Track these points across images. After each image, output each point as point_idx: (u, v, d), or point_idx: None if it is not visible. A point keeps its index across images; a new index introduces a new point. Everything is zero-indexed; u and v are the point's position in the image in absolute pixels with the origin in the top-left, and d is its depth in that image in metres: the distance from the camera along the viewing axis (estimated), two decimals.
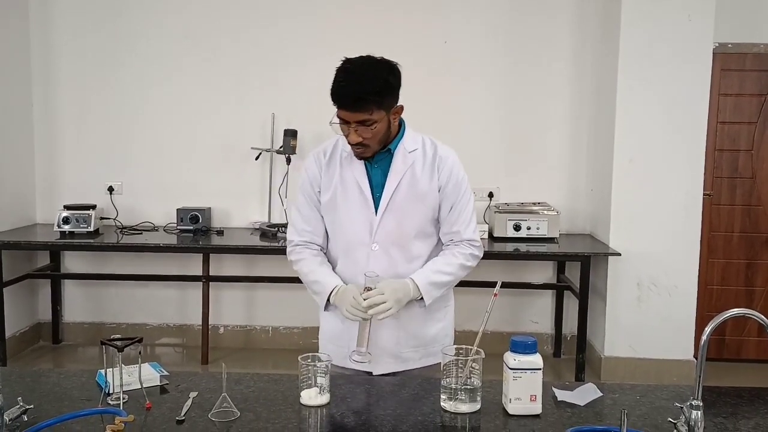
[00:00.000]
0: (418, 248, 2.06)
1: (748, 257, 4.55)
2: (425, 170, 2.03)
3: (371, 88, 1.86)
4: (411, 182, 2.02)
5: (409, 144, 2.05)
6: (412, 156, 2.03)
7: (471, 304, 4.60)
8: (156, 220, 4.66)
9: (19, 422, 1.49)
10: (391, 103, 1.94)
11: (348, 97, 1.87)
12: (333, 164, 2.07)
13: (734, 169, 4.50)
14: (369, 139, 1.93)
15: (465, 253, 2.07)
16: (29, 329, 4.73)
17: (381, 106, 1.89)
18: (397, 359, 2.07)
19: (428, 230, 2.08)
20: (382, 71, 1.90)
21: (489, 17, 4.54)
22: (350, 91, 1.86)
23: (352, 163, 2.04)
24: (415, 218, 2.03)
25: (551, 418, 1.60)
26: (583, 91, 4.56)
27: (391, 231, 2.02)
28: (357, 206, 2.03)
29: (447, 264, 2.05)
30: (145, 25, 4.63)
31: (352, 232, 2.04)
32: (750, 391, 1.80)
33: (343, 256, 2.08)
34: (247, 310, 4.80)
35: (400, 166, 2.02)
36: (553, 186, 4.62)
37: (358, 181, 2.03)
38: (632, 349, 4.24)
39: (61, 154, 4.75)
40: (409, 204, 2.02)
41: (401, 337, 2.06)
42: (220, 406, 1.60)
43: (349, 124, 1.91)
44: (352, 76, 1.88)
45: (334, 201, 2.05)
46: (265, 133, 4.62)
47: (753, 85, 4.45)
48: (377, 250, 2.02)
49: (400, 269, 2.03)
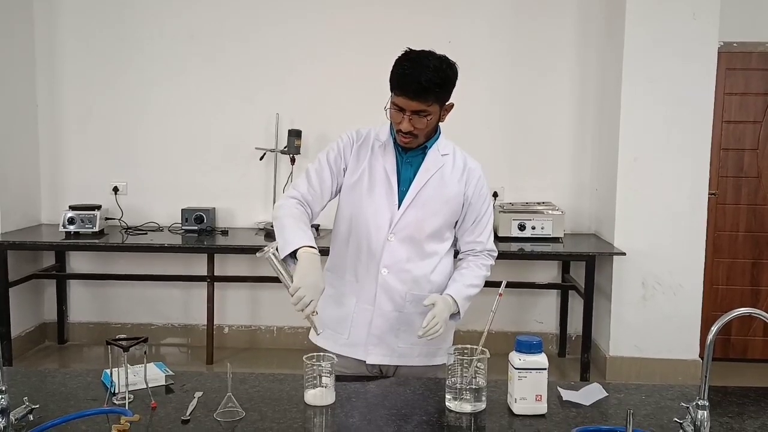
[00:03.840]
0: (432, 248, 2.08)
1: (753, 256, 4.53)
2: (454, 176, 2.08)
3: (435, 79, 1.90)
4: (439, 183, 2.06)
5: (443, 147, 2.11)
6: (443, 159, 2.09)
7: (476, 304, 4.60)
8: (161, 220, 4.67)
9: (25, 422, 1.50)
10: (446, 99, 1.99)
11: (411, 85, 1.90)
12: (365, 150, 2.10)
13: (739, 169, 4.49)
14: (420, 130, 1.98)
15: (487, 264, 2.16)
16: (35, 329, 4.74)
17: (438, 100, 1.95)
18: (392, 352, 2.08)
19: (444, 234, 2.11)
20: (444, 65, 1.95)
21: (493, 17, 4.53)
22: (414, 79, 1.89)
23: (384, 154, 2.07)
24: (436, 218, 2.06)
25: (557, 418, 1.60)
26: (587, 91, 4.56)
27: (409, 225, 2.04)
28: (381, 196, 2.05)
29: (476, 277, 2.11)
30: (150, 25, 4.63)
31: (372, 219, 2.05)
32: (756, 391, 1.79)
33: (357, 242, 2.08)
34: (251, 310, 4.81)
35: (431, 165, 2.06)
36: (557, 186, 4.62)
37: (387, 171, 2.05)
38: (637, 349, 4.23)
39: (66, 155, 4.76)
40: (433, 204, 2.05)
41: (401, 332, 2.07)
42: (225, 405, 1.60)
43: (404, 112, 1.94)
44: (418, 66, 1.91)
45: (359, 186, 2.06)
46: (269, 134, 4.63)
47: (758, 83, 4.44)
48: (393, 241, 2.04)
49: (412, 264, 2.05)
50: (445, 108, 2.01)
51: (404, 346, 2.08)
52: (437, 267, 2.09)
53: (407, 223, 2.04)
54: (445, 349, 2.15)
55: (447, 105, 2.01)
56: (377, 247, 2.05)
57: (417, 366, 2.10)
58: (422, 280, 2.07)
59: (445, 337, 2.14)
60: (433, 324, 1.93)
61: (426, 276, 2.07)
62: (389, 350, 2.07)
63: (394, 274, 2.05)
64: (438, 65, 1.93)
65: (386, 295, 2.06)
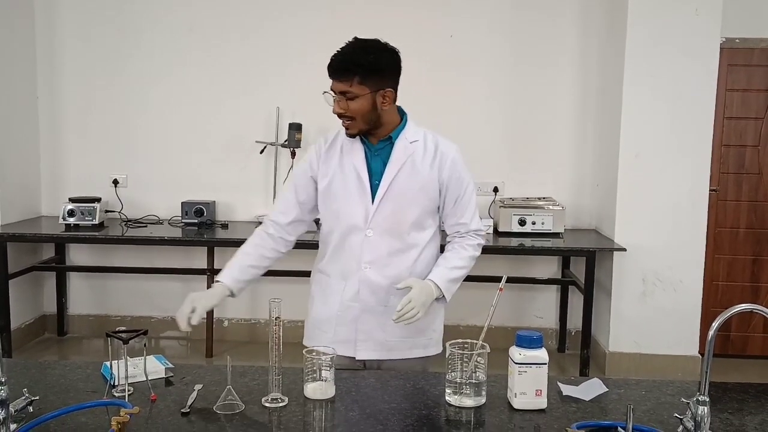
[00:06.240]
0: (413, 238, 2.08)
1: (754, 253, 4.53)
2: (425, 162, 2.06)
3: (355, 59, 1.93)
4: (411, 172, 2.04)
5: (411, 135, 2.07)
6: (413, 146, 2.06)
7: (476, 299, 4.60)
8: (161, 213, 4.66)
9: (24, 413, 1.50)
10: (378, 84, 1.97)
11: (334, 65, 1.96)
12: (333, 151, 2.10)
13: (741, 165, 4.48)
14: (351, 112, 1.97)
15: (473, 244, 2.13)
16: (34, 321, 4.74)
17: (363, 82, 1.94)
18: (382, 347, 2.08)
19: (426, 222, 2.10)
20: (374, 50, 1.97)
21: (495, 12, 4.52)
22: (337, 59, 1.95)
23: (352, 151, 2.07)
24: (413, 208, 2.05)
25: (556, 413, 1.60)
26: (588, 86, 4.54)
27: (386, 218, 2.04)
28: (354, 192, 2.05)
29: (460, 258, 2.09)
30: (150, 19, 4.62)
31: (348, 216, 2.06)
32: (756, 388, 1.79)
33: (338, 241, 2.09)
34: (251, 304, 4.81)
35: (400, 155, 2.04)
36: (558, 181, 4.61)
37: (356, 167, 2.05)
38: (637, 345, 4.23)
39: (67, 147, 4.75)
40: (408, 193, 2.04)
41: (389, 325, 2.06)
42: (224, 398, 1.60)
43: (335, 94, 1.98)
44: (346, 47, 1.97)
45: (331, 187, 2.08)
46: (269, 127, 4.62)
47: (760, 80, 4.43)
48: (372, 236, 2.04)
49: (394, 257, 2.06)
50: (382, 94, 1.97)
51: (393, 339, 2.08)
52: (420, 257, 2.09)
53: (384, 217, 2.03)
54: (436, 339, 2.16)
55: (384, 91, 1.98)
56: (356, 244, 2.05)
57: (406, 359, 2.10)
58: (405, 272, 2.06)
59: (434, 326, 2.14)
60: (409, 308, 1.93)
61: (409, 267, 2.07)
62: (378, 345, 2.07)
63: (377, 269, 2.05)
64: (365, 47, 1.96)
65: (369, 291, 2.06)
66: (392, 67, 2.00)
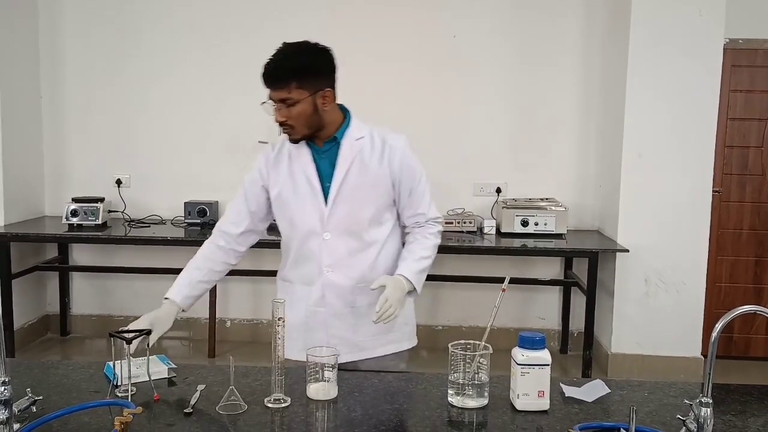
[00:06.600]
0: (371, 235, 2.07)
1: (756, 254, 4.52)
2: (374, 158, 2.04)
3: (290, 65, 1.92)
4: (360, 170, 2.03)
5: (356, 132, 2.06)
6: (359, 144, 2.04)
7: (478, 300, 4.62)
8: (163, 213, 4.67)
9: (27, 413, 1.50)
10: (316, 86, 1.95)
11: (267, 74, 1.94)
12: (281, 158, 2.09)
13: (744, 166, 4.47)
14: (292, 119, 1.95)
15: (433, 232, 2.14)
16: (37, 321, 4.75)
17: (301, 86, 1.92)
18: (356, 348, 2.06)
19: (382, 217, 2.09)
20: (306, 52, 1.96)
21: (498, 12, 4.51)
22: (268, 67, 1.94)
23: (299, 156, 2.06)
24: (367, 206, 2.04)
25: (559, 414, 1.60)
26: (591, 87, 4.54)
27: (342, 219, 2.03)
28: (306, 197, 2.04)
29: (424, 248, 2.09)
30: (152, 18, 4.63)
31: (303, 222, 2.05)
32: (759, 389, 1.78)
33: (297, 247, 2.09)
34: (253, 304, 4.81)
35: (347, 154, 2.03)
36: (561, 182, 4.60)
37: (305, 171, 2.04)
38: (639, 346, 4.22)
39: (70, 147, 4.76)
40: (360, 192, 2.02)
41: (359, 326, 2.06)
42: (227, 399, 1.61)
43: (274, 103, 1.96)
44: (278, 55, 1.96)
45: (283, 194, 2.07)
46: (272, 127, 4.60)
47: (764, 81, 4.42)
48: (329, 239, 2.04)
49: (355, 257, 2.05)
50: (321, 95, 1.96)
51: (366, 339, 2.08)
52: (381, 253, 2.08)
53: (339, 218, 2.02)
54: (409, 333, 2.16)
55: (323, 92, 1.96)
56: (315, 248, 2.05)
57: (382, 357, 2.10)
58: (368, 270, 2.05)
59: (406, 320, 2.13)
60: (387, 307, 1.92)
61: (371, 265, 2.06)
62: (352, 347, 2.05)
63: (339, 271, 2.04)
64: (295, 52, 1.95)
65: (334, 294, 2.06)
66: (327, 66, 1.99)
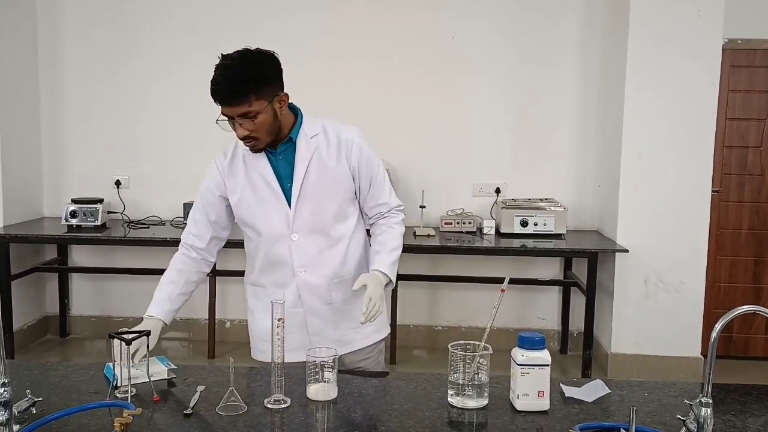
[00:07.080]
0: (338, 231, 2.07)
1: (756, 254, 4.52)
2: (331, 153, 2.04)
3: (245, 78, 1.88)
4: (319, 167, 2.02)
5: (310, 130, 2.05)
6: (315, 141, 2.04)
7: (478, 300, 4.62)
8: (163, 214, 4.67)
9: (27, 414, 1.50)
10: (272, 92, 1.93)
11: (223, 92, 1.89)
12: (236, 165, 2.07)
13: (743, 166, 4.47)
14: (256, 131, 1.93)
15: (398, 221, 2.16)
16: (37, 322, 4.75)
17: (260, 97, 1.89)
18: (338, 343, 2.04)
19: (347, 212, 2.09)
20: (255, 62, 1.94)
21: (497, 13, 4.52)
22: (225, 85, 1.89)
23: (256, 159, 2.04)
24: (331, 202, 2.04)
25: (559, 414, 1.60)
26: (590, 87, 4.54)
27: (308, 219, 2.02)
28: (269, 200, 2.03)
29: (393, 239, 2.11)
30: (152, 18, 4.63)
31: (270, 226, 2.04)
32: (759, 389, 1.79)
33: (265, 252, 2.08)
34: None
35: (304, 153, 2.02)
36: (560, 182, 4.61)
37: (263, 175, 2.03)
38: (639, 346, 4.22)
39: (69, 148, 4.76)
40: (322, 189, 2.02)
41: (338, 321, 2.08)
42: (227, 400, 1.60)
43: (232, 119, 1.92)
44: (226, 71, 1.91)
45: (245, 200, 2.05)
46: None
47: (762, 81, 4.42)
48: (298, 240, 2.03)
49: (324, 254, 2.05)
50: (277, 100, 1.95)
51: (347, 333, 2.10)
52: (350, 247, 2.09)
53: (305, 218, 2.02)
54: (382, 321, 2.17)
55: (279, 97, 1.95)
56: (285, 251, 2.04)
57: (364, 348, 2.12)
58: (339, 266, 2.07)
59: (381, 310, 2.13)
60: (372, 306, 1.92)
61: (341, 260, 2.07)
62: (334, 342, 2.02)
63: (311, 270, 2.04)
64: (248, 65, 1.92)
65: (310, 293, 2.06)
66: (276, 70, 1.98)
